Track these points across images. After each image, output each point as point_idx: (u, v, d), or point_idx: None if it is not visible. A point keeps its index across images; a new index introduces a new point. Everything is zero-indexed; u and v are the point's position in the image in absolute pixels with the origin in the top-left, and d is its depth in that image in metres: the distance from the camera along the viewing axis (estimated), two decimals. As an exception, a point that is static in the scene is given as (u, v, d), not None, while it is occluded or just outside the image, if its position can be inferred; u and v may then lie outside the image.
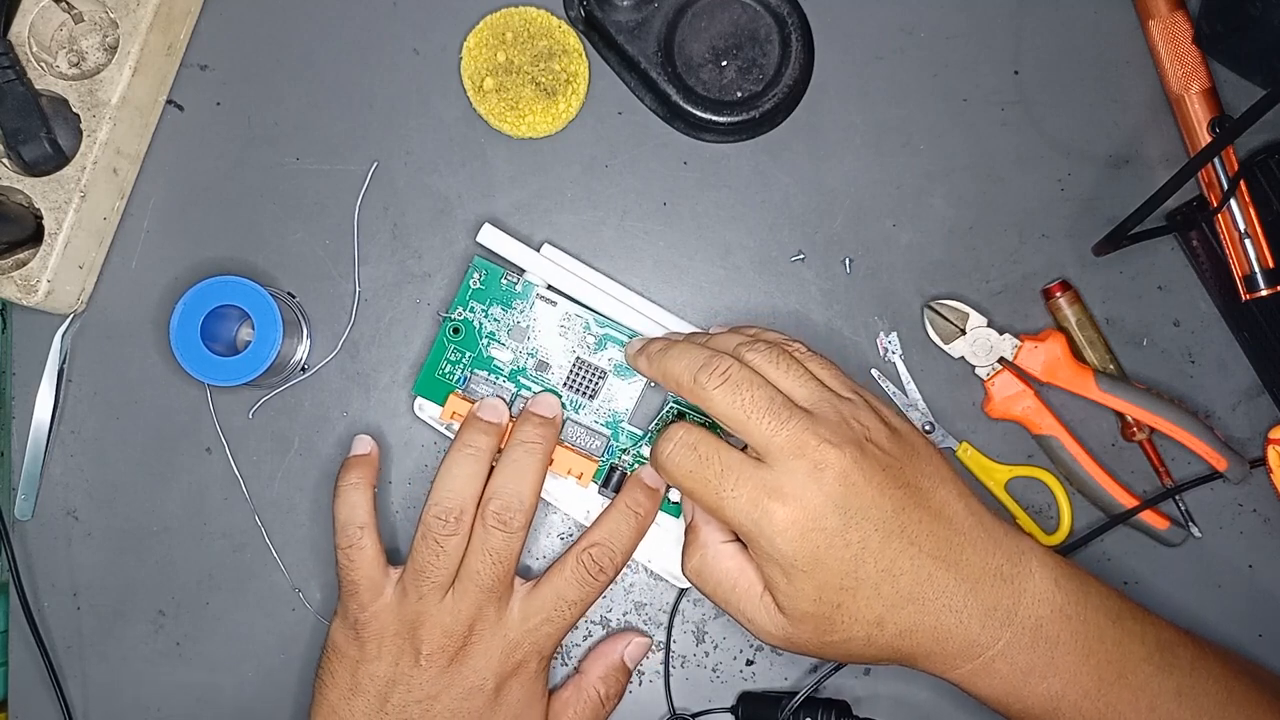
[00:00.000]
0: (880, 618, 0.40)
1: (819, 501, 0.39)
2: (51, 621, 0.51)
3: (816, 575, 0.39)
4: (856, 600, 0.40)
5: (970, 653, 0.40)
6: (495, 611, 0.45)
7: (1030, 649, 0.40)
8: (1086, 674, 0.41)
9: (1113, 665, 0.41)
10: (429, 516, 0.45)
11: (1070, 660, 0.40)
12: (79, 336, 0.51)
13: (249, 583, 0.51)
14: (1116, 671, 0.41)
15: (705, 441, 0.41)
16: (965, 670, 0.41)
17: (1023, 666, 0.40)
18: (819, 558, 0.39)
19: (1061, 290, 0.49)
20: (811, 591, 0.39)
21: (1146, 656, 0.42)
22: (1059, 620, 0.41)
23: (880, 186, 0.51)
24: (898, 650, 0.41)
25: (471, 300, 0.49)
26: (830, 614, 0.40)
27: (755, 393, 0.40)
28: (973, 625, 0.40)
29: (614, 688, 0.48)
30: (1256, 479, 0.49)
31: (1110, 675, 0.41)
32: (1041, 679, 0.40)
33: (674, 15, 0.49)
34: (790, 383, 0.41)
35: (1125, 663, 0.41)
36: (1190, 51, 0.48)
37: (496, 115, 0.50)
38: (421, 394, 0.49)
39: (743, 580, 0.42)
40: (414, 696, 0.44)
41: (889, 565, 0.39)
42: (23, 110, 0.47)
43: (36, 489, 0.51)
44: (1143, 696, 0.41)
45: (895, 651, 0.41)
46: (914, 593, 0.40)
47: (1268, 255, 0.47)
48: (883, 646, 0.41)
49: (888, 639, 0.40)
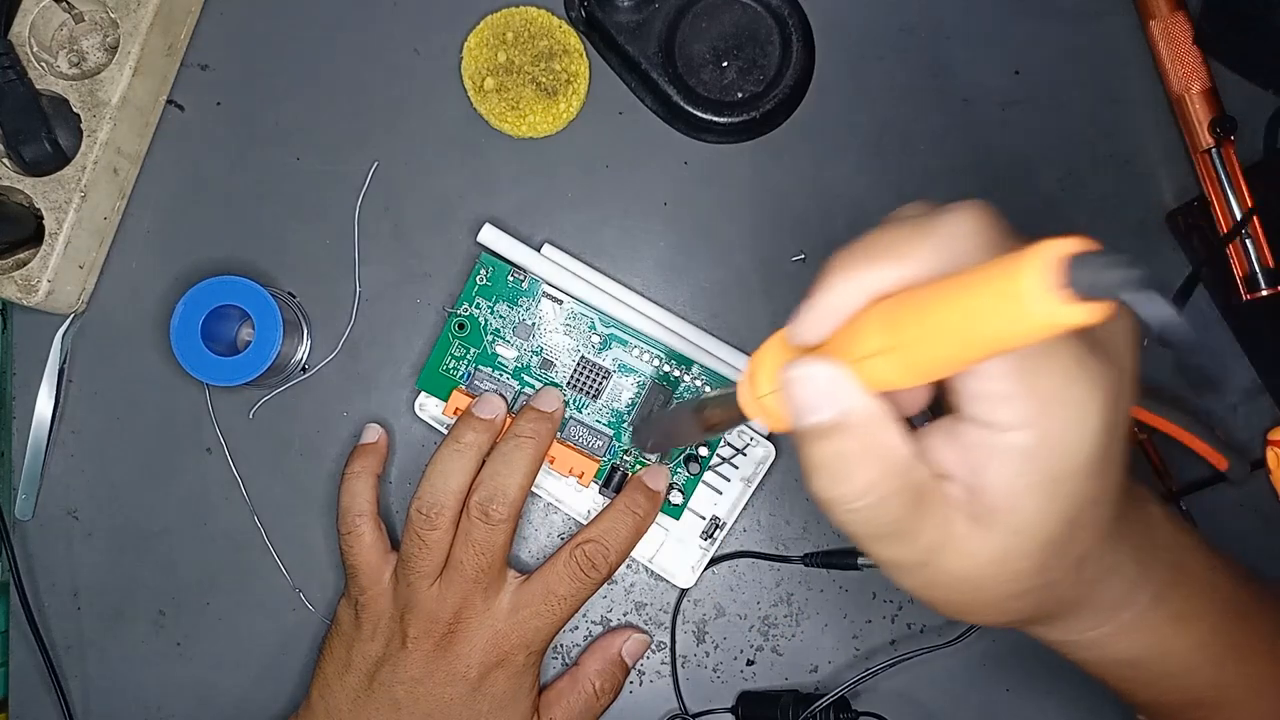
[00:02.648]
0: (1087, 553, 0.29)
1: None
2: (51, 621, 0.51)
3: (1092, 481, 0.26)
4: (1095, 523, 0.28)
5: (1130, 597, 0.32)
6: (483, 601, 0.45)
7: (1176, 587, 0.33)
8: (1221, 615, 0.34)
9: (1235, 603, 0.35)
10: (412, 510, 0.46)
11: (1205, 601, 0.34)
12: (79, 336, 0.51)
13: (249, 583, 0.51)
14: (1239, 610, 0.35)
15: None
16: (1118, 624, 0.32)
17: (1174, 609, 0.33)
18: (1111, 452, 0.27)
19: (1062, 290, 0.49)
20: (1074, 505, 0.27)
21: (1248, 589, 0.36)
22: (1186, 552, 0.34)
23: (881, 186, 0.51)
24: (1066, 600, 0.30)
25: (478, 296, 0.49)
26: (1066, 541, 0.27)
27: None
28: (1138, 557, 0.31)
29: (609, 683, 0.48)
30: (1257, 479, 0.49)
31: (1236, 614, 0.35)
32: (1189, 625, 0.33)
33: (675, 16, 0.49)
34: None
35: (1240, 599, 0.35)
36: (1190, 51, 0.48)
37: (497, 115, 0.50)
38: (425, 389, 0.49)
39: (931, 493, 0.27)
40: (398, 678, 0.45)
41: (1117, 477, 0.29)
42: (23, 110, 0.47)
43: (36, 489, 0.51)
44: (1264, 638, 0.35)
45: (1061, 604, 0.31)
46: (1114, 514, 0.29)
47: (1268, 255, 0.47)
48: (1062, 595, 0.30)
49: (1077, 581, 0.30)
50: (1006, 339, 0.21)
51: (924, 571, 0.28)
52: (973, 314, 0.21)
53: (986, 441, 0.26)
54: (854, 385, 0.25)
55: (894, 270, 0.25)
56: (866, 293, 0.25)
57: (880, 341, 0.24)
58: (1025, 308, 0.20)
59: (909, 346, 0.23)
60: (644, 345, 0.49)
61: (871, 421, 0.26)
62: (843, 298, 0.26)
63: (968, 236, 0.25)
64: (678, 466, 0.49)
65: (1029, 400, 0.25)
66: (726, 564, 0.50)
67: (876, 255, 0.25)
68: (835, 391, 0.25)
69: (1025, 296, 0.20)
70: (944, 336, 0.22)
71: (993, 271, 0.21)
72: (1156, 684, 0.35)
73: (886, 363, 0.24)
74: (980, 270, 0.22)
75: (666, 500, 0.48)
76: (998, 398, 0.25)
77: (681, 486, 0.49)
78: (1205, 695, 0.36)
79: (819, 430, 0.26)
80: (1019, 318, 0.20)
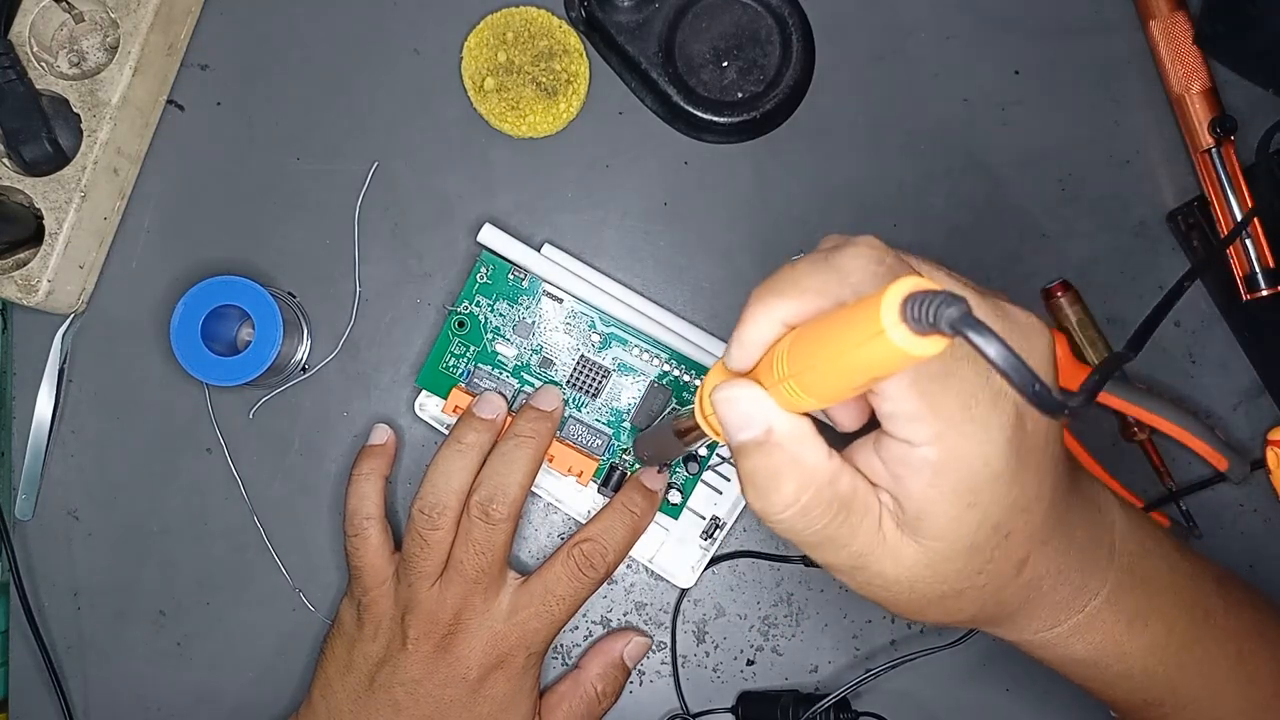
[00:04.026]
0: (1027, 557, 0.31)
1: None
2: (51, 621, 0.51)
3: (1011, 489, 0.28)
4: (1025, 528, 0.30)
5: (1079, 600, 0.33)
6: (482, 602, 0.45)
7: (1131, 590, 0.34)
8: (1181, 617, 0.35)
9: (1199, 605, 0.36)
10: (414, 510, 0.46)
11: (1165, 602, 0.35)
12: (79, 336, 0.51)
13: (249, 583, 0.51)
14: (1203, 612, 0.36)
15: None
16: (1070, 624, 0.34)
17: (1128, 612, 0.34)
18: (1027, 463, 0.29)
19: (1062, 290, 0.49)
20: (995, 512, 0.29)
21: (1218, 591, 0.37)
22: (1145, 556, 0.35)
23: (880, 186, 0.51)
24: (1011, 602, 0.32)
25: (478, 294, 0.49)
26: (993, 547, 0.29)
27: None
28: (1085, 562, 0.33)
29: (611, 685, 0.48)
30: (1257, 479, 0.49)
31: (1199, 616, 0.36)
32: (1144, 626, 0.35)
33: (675, 16, 0.49)
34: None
35: (1206, 602, 0.36)
36: (1191, 51, 0.48)
37: (497, 115, 0.50)
38: (425, 387, 0.49)
39: (857, 503, 0.29)
40: (398, 678, 0.45)
41: (1049, 485, 0.31)
42: (23, 110, 0.47)
43: (36, 489, 0.51)
44: (1229, 639, 0.37)
45: (1005, 606, 0.32)
46: (1053, 520, 0.31)
47: (1268, 255, 0.47)
48: (1005, 599, 0.32)
49: (1020, 584, 0.31)
50: (876, 367, 0.24)
51: (859, 574, 0.30)
52: (847, 346, 0.24)
53: (903, 456, 0.28)
54: (773, 407, 0.28)
55: (797, 304, 0.27)
56: (779, 324, 0.28)
57: (787, 369, 0.27)
58: (883, 341, 0.22)
59: (806, 374, 0.26)
60: (644, 344, 0.49)
61: (792, 440, 0.28)
62: (759, 329, 0.28)
63: (858, 270, 0.27)
64: (677, 466, 0.49)
65: (934, 418, 0.27)
66: (726, 564, 0.50)
67: (782, 290, 0.28)
68: (757, 412, 0.28)
69: (882, 331, 0.22)
70: (830, 366, 0.25)
71: (860, 308, 0.23)
72: (1116, 684, 0.36)
73: (796, 387, 0.27)
74: (852, 307, 0.24)
75: (666, 500, 0.48)
76: (905, 417, 0.27)
77: (681, 486, 0.49)
78: (1164, 696, 0.37)
79: (746, 447, 0.28)
80: (880, 349, 0.22)
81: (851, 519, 0.29)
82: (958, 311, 0.21)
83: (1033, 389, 0.22)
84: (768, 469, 0.28)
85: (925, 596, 0.30)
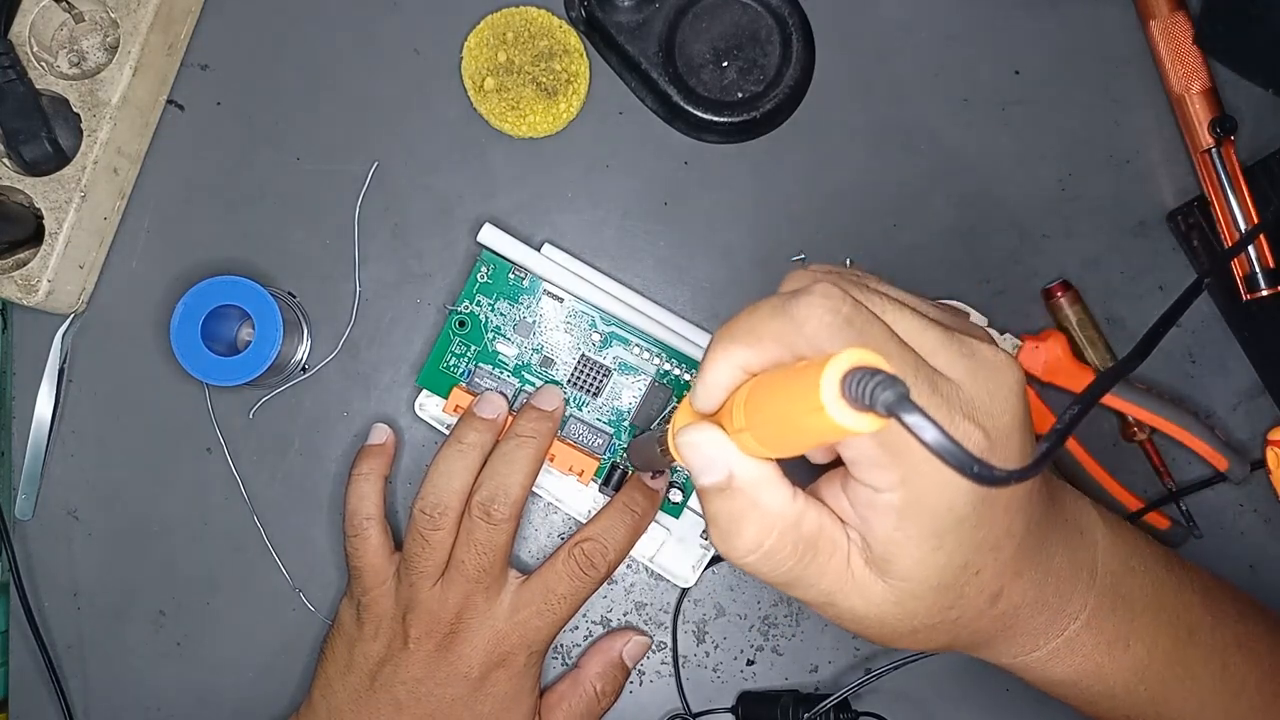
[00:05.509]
0: (1000, 590, 0.31)
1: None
2: (51, 621, 0.51)
3: (979, 530, 0.29)
4: (995, 565, 0.30)
5: (1057, 625, 0.34)
6: (484, 601, 0.45)
7: (1112, 612, 0.34)
8: (1164, 635, 0.36)
9: (1182, 622, 0.36)
10: (415, 511, 0.46)
11: (1147, 621, 0.35)
12: (79, 336, 0.51)
13: (249, 583, 0.51)
14: (1187, 628, 0.36)
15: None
16: (1048, 649, 0.34)
17: (1107, 635, 0.34)
18: (994, 502, 0.29)
19: (1062, 290, 0.49)
20: (961, 554, 0.29)
21: (1203, 605, 0.37)
22: (1128, 575, 0.35)
23: (880, 186, 0.51)
24: (986, 631, 0.32)
25: (479, 294, 0.49)
26: (963, 584, 0.30)
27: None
28: (1063, 588, 0.33)
29: (611, 685, 0.48)
30: (1257, 479, 0.49)
31: (1182, 633, 0.36)
32: (1125, 647, 0.35)
33: (675, 16, 0.49)
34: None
35: (1190, 617, 0.36)
36: (1191, 51, 0.48)
37: (497, 115, 0.50)
38: (425, 386, 0.49)
39: (823, 543, 0.29)
40: (400, 678, 0.45)
41: (1021, 521, 0.31)
42: (23, 110, 0.47)
43: (36, 489, 0.51)
44: (1214, 654, 0.37)
45: (979, 634, 0.33)
46: (1028, 552, 0.31)
47: (1268, 255, 0.47)
48: (980, 628, 0.32)
49: (994, 614, 0.32)
50: (822, 435, 0.24)
51: (829, 609, 0.30)
52: (794, 412, 0.24)
53: (869, 499, 0.28)
54: (734, 451, 0.28)
55: (755, 352, 0.27)
56: (738, 369, 0.28)
57: (744, 420, 0.27)
58: (823, 415, 0.22)
59: (760, 429, 0.26)
60: (644, 344, 0.49)
61: (753, 485, 0.28)
62: (720, 373, 0.28)
63: (813, 320, 0.26)
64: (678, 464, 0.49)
65: (896, 464, 0.27)
66: (727, 563, 0.50)
67: (740, 338, 0.28)
68: (719, 457, 0.28)
69: (822, 403, 0.22)
70: (779, 426, 0.25)
71: (804, 377, 0.23)
72: (1098, 702, 0.36)
73: (752, 440, 0.27)
74: (799, 372, 0.24)
75: (666, 499, 0.48)
76: (868, 463, 0.27)
77: (682, 485, 0.49)
78: (1147, 712, 0.37)
79: (709, 491, 0.28)
80: (822, 422, 0.23)
81: (819, 559, 0.29)
82: (894, 395, 0.21)
83: (971, 470, 0.22)
84: (729, 514, 0.28)
85: (896, 630, 0.30)
